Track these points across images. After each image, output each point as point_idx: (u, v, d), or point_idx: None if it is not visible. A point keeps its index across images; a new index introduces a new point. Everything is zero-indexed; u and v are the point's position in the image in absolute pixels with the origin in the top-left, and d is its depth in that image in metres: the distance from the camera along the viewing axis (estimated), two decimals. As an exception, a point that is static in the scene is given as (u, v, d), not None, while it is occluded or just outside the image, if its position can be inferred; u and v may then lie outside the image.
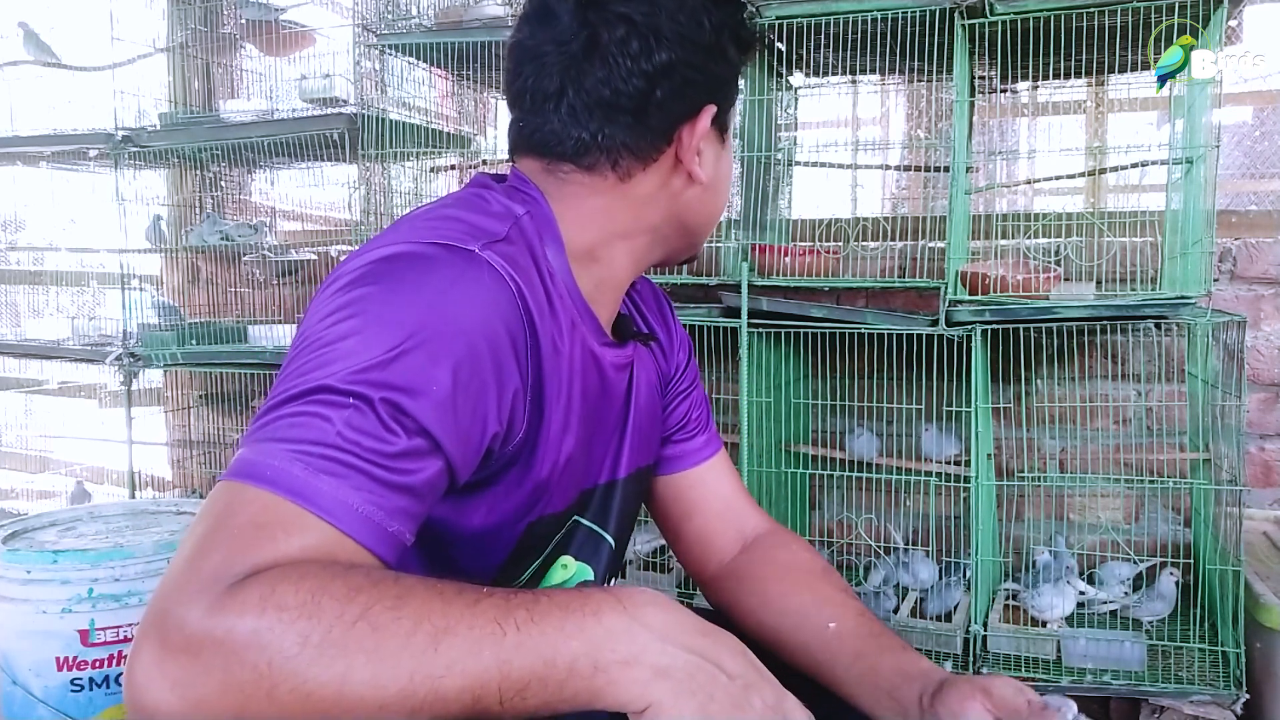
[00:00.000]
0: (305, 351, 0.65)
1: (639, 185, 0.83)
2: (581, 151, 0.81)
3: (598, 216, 0.83)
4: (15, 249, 3.64)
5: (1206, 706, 1.66)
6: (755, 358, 1.88)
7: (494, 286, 0.70)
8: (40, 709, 1.67)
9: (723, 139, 0.89)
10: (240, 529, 0.59)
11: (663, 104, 0.81)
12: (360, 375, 0.63)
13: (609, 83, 0.79)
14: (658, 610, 0.61)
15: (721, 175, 0.90)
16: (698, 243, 0.94)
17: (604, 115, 0.80)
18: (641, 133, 0.81)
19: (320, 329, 0.66)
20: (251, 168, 2.89)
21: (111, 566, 1.68)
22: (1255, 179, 3.86)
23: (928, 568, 1.98)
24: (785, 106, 2.27)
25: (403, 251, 0.70)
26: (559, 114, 0.81)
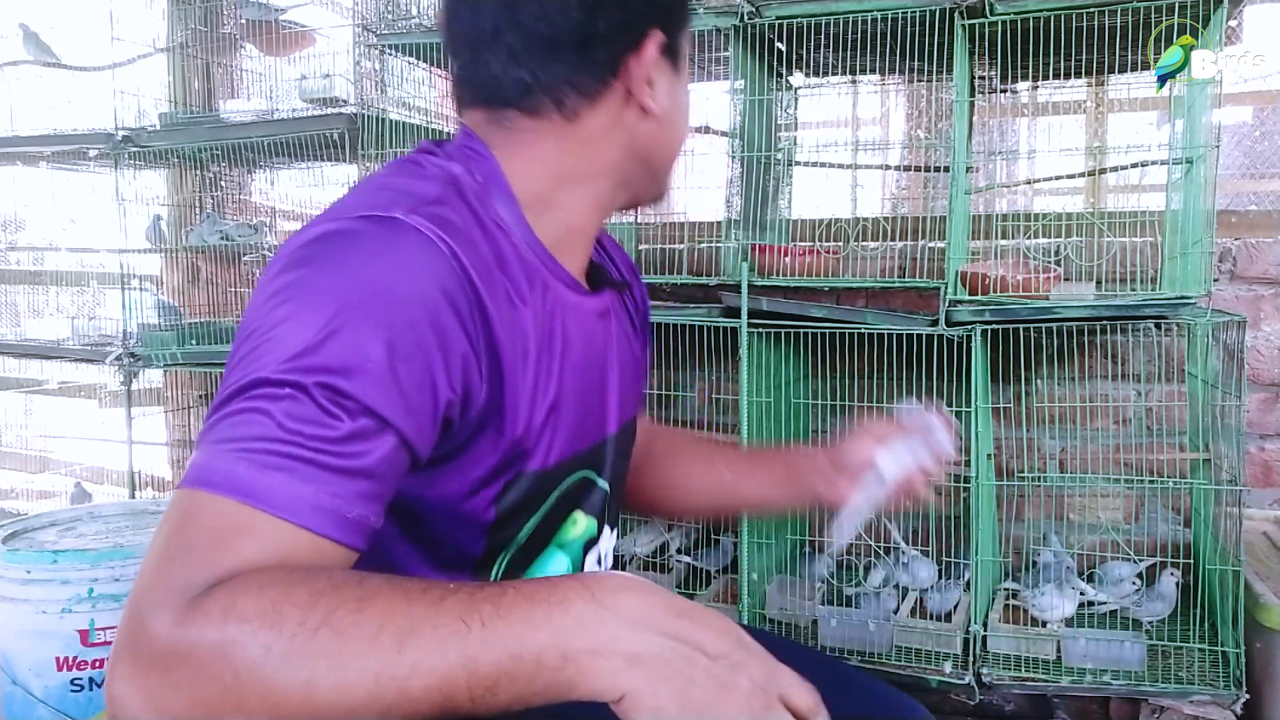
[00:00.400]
0: (244, 344, 0.65)
1: (588, 124, 0.80)
2: (524, 94, 0.78)
3: (548, 162, 0.80)
4: (15, 249, 3.64)
5: (1206, 706, 1.66)
6: (755, 358, 1.88)
7: (420, 251, 0.67)
8: (40, 709, 1.67)
9: (675, 67, 0.85)
10: (197, 538, 0.58)
11: (605, 35, 0.77)
12: (292, 363, 0.61)
13: (546, 17, 0.75)
14: (629, 595, 0.59)
15: (677, 105, 0.86)
16: (662, 180, 0.91)
17: (544, 53, 0.77)
18: (585, 68, 0.78)
19: (255, 320, 0.65)
20: (251, 168, 2.89)
21: (111, 566, 1.68)
22: (1255, 179, 3.87)
23: (928, 568, 1.98)
24: (785, 106, 2.27)
25: (329, 230, 0.68)
26: (497, 56, 0.77)
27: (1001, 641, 1.80)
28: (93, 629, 1.67)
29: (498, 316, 0.71)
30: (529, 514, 0.81)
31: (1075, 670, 1.73)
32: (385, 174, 0.77)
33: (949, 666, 1.77)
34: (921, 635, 1.84)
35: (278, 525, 0.59)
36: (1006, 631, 1.80)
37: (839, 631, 1.85)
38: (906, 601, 1.95)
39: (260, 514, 0.59)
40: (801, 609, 1.93)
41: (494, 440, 0.74)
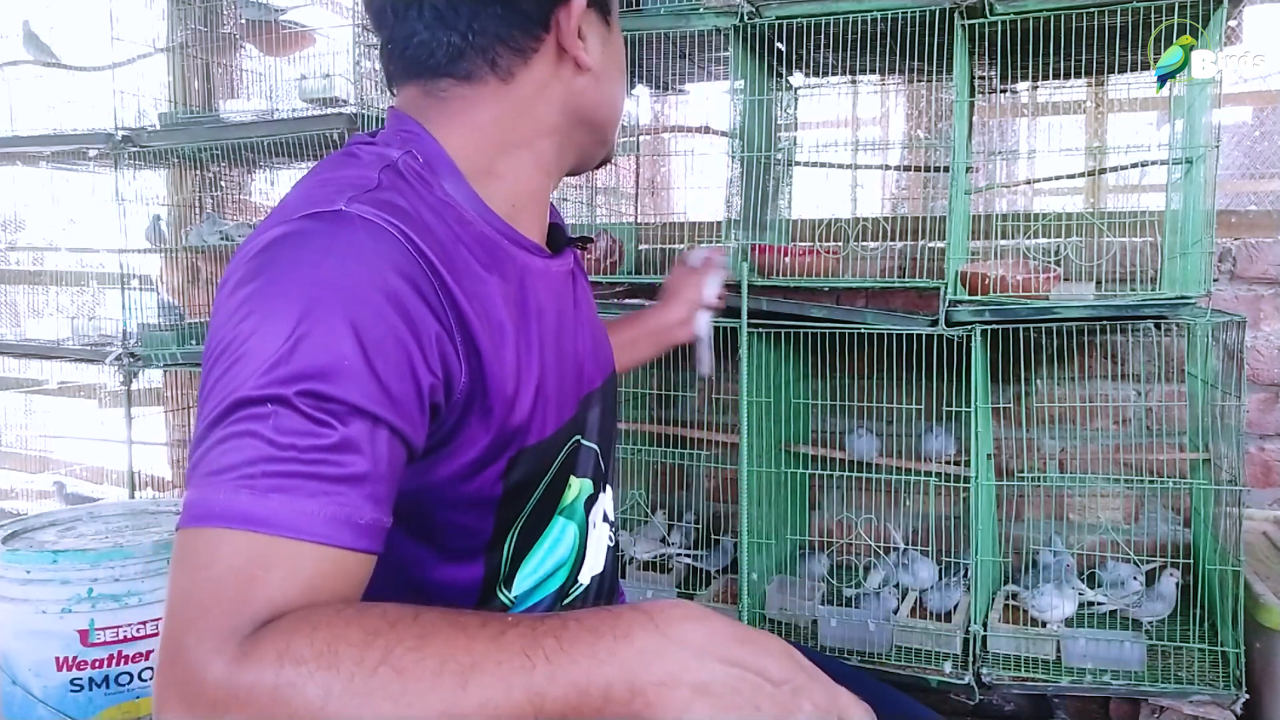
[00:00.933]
0: (214, 366, 0.63)
1: (524, 84, 0.79)
2: (455, 57, 0.77)
3: (488, 129, 0.79)
4: (15, 249, 3.64)
5: (1206, 706, 1.66)
6: (755, 358, 1.88)
7: (371, 239, 0.66)
8: (40, 709, 1.67)
9: (607, 20, 0.84)
10: (224, 578, 0.57)
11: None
12: (268, 376, 0.60)
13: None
14: (692, 624, 0.58)
15: (612, 59, 0.85)
16: (607, 138, 0.89)
17: (470, 10, 0.76)
18: (515, 21, 0.77)
19: (221, 339, 0.64)
20: (251, 168, 2.89)
21: (111, 566, 1.68)
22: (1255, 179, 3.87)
23: (927, 568, 1.98)
24: (785, 106, 2.27)
25: (276, 235, 0.66)
26: (423, 19, 0.76)
27: (1001, 641, 1.80)
28: (92, 629, 1.67)
29: (463, 294, 0.70)
30: (533, 487, 0.81)
31: (1075, 670, 1.73)
32: (322, 169, 0.76)
33: (949, 666, 1.77)
34: (921, 635, 1.84)
35: (297, 548, 0.58)
36: (1006, 631, 1.80)
37: (839, 631, 1.85)
38: (906, 601, 1.95)
39: (277, 540, 0.57)
40: (801, 609, 1.93)
41: (482, 418, 0.73)
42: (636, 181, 2.52)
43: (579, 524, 0.88)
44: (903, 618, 1.88)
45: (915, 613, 1.92)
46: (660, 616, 0.58)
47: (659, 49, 2.05)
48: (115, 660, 1.68)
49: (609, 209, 2.38)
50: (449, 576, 0.77)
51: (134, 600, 1.69)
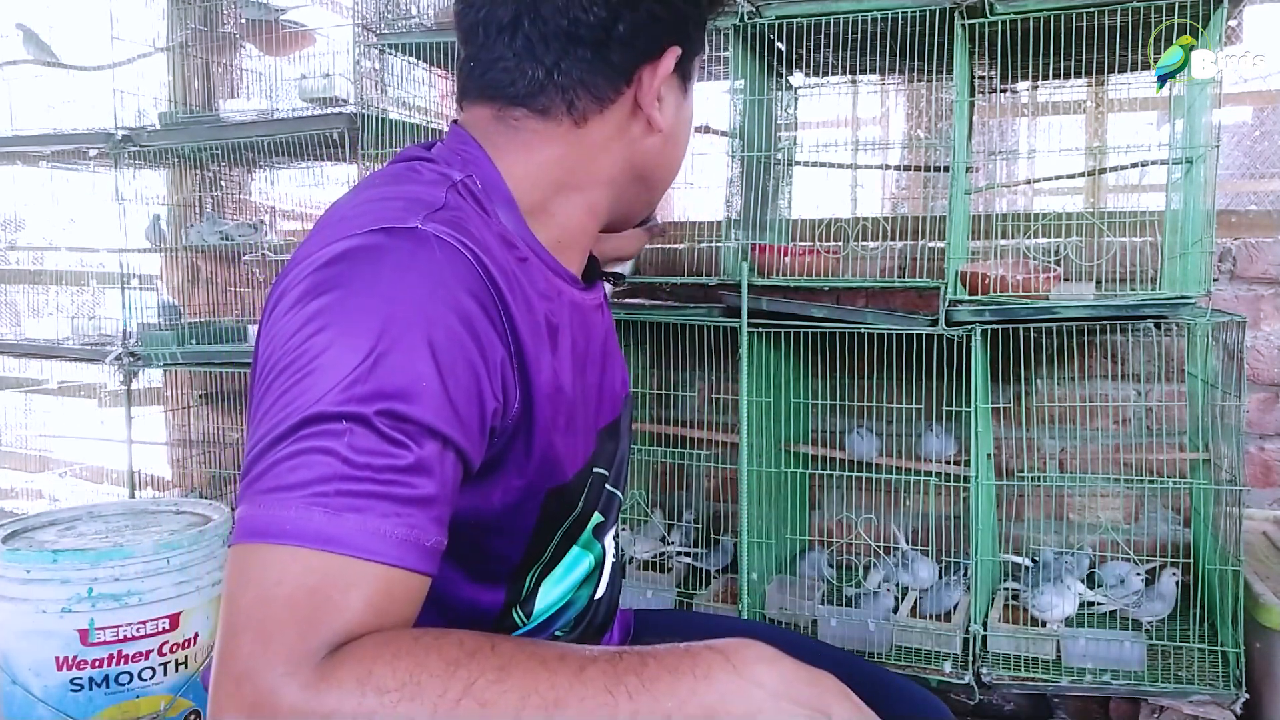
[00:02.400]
0: (279, 379, 0.61)
1: (594, 131, 0.78)
2: (535, 91, 0.76)
3: (550, 168, 0.78)
4: (15, 249, 3.64)
5: (1206, 706, 1.66)
6: (755, 358, 1.88)
7: (448, 259, 0.65)
8: (40, 709, 1.67)
9: (685, 88, 0.85)
10: (296, 597, 0.55)
11: (625, 39, 0.76)
12: (345, 393, 0.58)
13: (568, 11, 0.74)
14: (767, 665, 0.59)
15: (682, 125, 0.86)
16: (655, 199, 0.90)
17: (561, 48, 0.75)
18: (600, 69, 0.76)
19: (287, 352, 0.61)
20: (251, 167, 2.89)
21: (111, 566, 1.68)
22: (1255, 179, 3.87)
23: (927, 567, 1.98)
24: (785, 106, 2.27)
25: (347, 249, 0.65)
26: (513, 46, 0.76)
27: (1001, 641, 1.80)
28: (92, 629, 1.67)
29: (521, 321, 0.70)
30: (563, 519, 0.81)
31: (1075, 670, 1.73)
32: (380, 181, 0.75)
33: (949, 666, 1.77)
34: (921, 635, 1.84)
35: (371, 569, 0.57)
36: (1006, 631, 1.80)
37: (839, 631, 1.85)
38: (906, 601, 1.95)
39: (352, 561, 0.56)
40: (801, 608, 1.93)
41: (526, 447, 0.73)
42: (636, 181, 2.51)
43: (596, 554, 0.89)
44: (903, 617, 1.88)
45: (915, 612, 1.92)
46: (736, 657, 0.59)
47: (659, 49, 2.05)
48: (115, 660, 1.68)
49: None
50: (472, 596, 0.78)
51: (134, 600, 1.68)
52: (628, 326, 2.04)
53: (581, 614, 0.89)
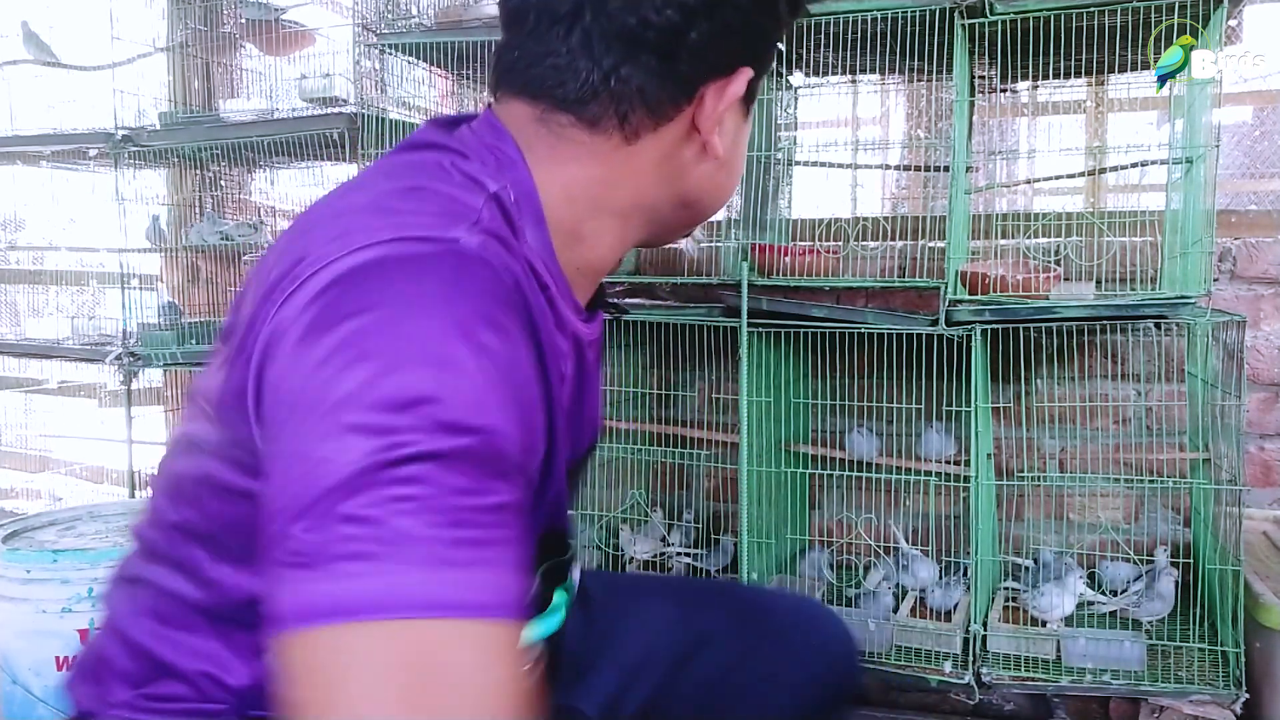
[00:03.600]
0: (326, 418, 0.51)
1: (645, 150, 0.69)
2: (587, 97, 0.67)
3: (590, 187, 0.69)
4: (15, 249, 3.64)
5: (1206, 706, 1.66)
6: (755, 357, 1.88)
7: (498, 284, 0.58)
8: (40, 709, 1.67)
9: (747, 112, 0.77)
10: (456, 677, 0.47)
11: (696, 49, 0.67)
12: (429, 433, 0.50)
13: (637, 9, 0.65)
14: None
15: (739, 153, 0.78)
16: (695, 225, 0.82)
17: (623, 49, 0.65)
18: (664, 80, 0.67)
19: (324, 383, 0.52)
20: (251, 167, 2.89)
21: (111, 566, 1.67)
22: (1255, 179, 3.87)
23: (927, 567, 1.98)
24: (785, 106, 2.27)
25: (381, 258, 0.56)
26: (569, 41, 0.66)
27: (1001, 641, 1.80)
28: (92, 628, 1.67)
29: (549, 355, 0.66)
30: (555, 562, 0.77)
31: (1075, 670, 1.73)
32: (405, 174, 0.66)
33: (949, 666, 1.77)
34: (921, 635, 1.84)
35: (504, 628, 0.50)
36: (1006, 631, 1.80)
37: (839, 631, 1.85)
38: (906, 601, 1.95)
39: (486, 624, 0.49)
40: (801, 609, 1.93)
41: (541, 491, 0.68)
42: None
43: (571, 591, 0.84)
44: (903, 617, 1.88)
45: (915, 612, 1.92)
46: None
47: (659, 49, 2.05)
48: (115, 660, 1.68)
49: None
50: None
51: (134, 600, 1.68)
52: (628, 326, 2.04)
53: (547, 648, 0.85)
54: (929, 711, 1.92)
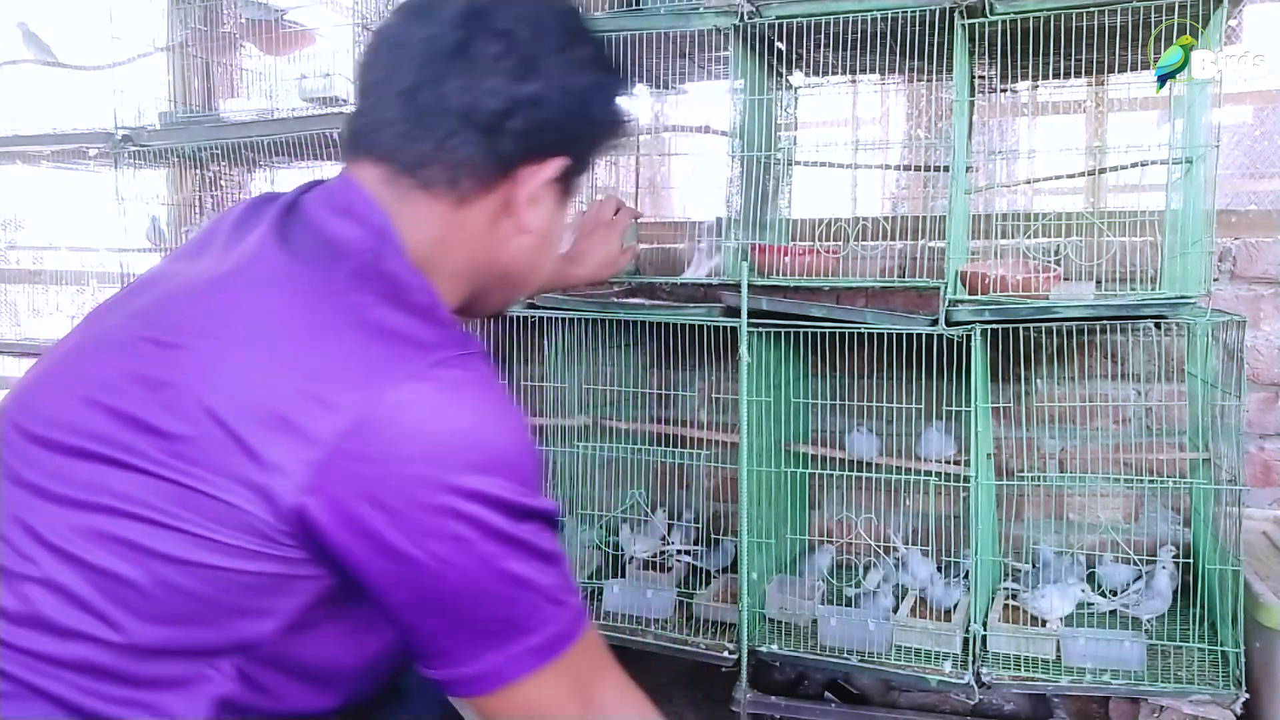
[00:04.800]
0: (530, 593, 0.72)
1: (471, 217, 0.80)
2: (422, 162, 0.78)
3: (429, 246, 0.79)
4: (15, 249, 3.64)
5: (1206, 706, 1.66)
6: (755, 357, 1.88)
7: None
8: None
9: (563, 201, 0.87)
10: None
11: (516, 132, 0.78)
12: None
13: (469, 91, 0.76)
14: None
15: (553, 235, 0.88)
16: (512, 301, 0.93)
17: (453, 124, 0.77)
18: (487, 154, 0.78)
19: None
20: (251, 167, 2.89)
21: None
22: (1255, 179, 3.86)
23: (927, 567, 1.98)
24: (785, 106, 2.27)
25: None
26: (406, 112, 0.77)
27: (1001, 641, 1.80)
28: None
29: None
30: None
31: (1075, 670, 1.73)
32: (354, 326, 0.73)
33: (948, 666, 1.77)
34: (921, 635, 1.84)
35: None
36: (1006, 631, 1.80)
37: (839, 631, 1.85)
38: (906, 601, 1.95)
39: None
40: (801, 608, 1.93)
41: None
42: (636, 181, 2.52)
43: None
44: (902, 617, 1.88)
45: (915, 612, 1.92)
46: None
47: (659, 49, 2.05)
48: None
49: (609, 209, 2.38)
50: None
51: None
52: (628, 326, 2.04)
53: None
54: (929, 711, 1.92)
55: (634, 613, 2.00)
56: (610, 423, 2.19)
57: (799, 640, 1.88)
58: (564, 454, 2.13)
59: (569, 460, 2.12)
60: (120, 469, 0.69)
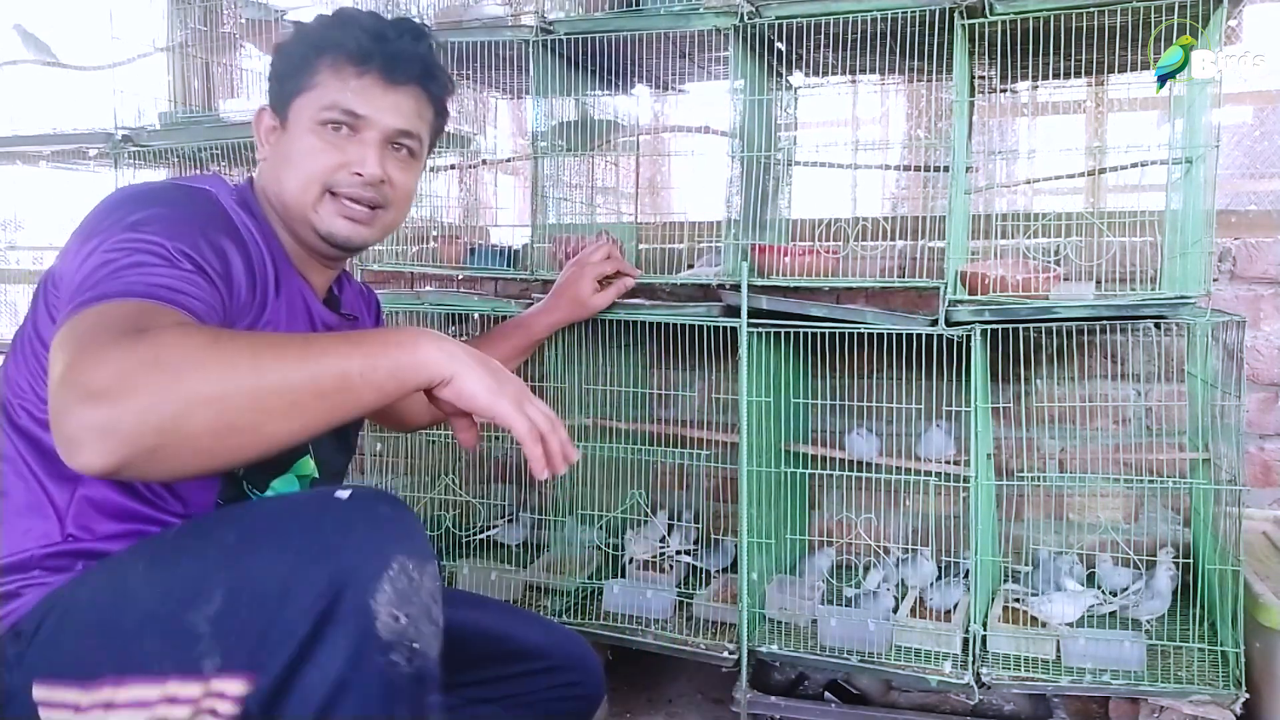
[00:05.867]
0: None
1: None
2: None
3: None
4: (15, 249, 3.64)
5: (1206, 706, 1.66)
6: (755, 357, 1.88)
7: (224, 214, 1.16)
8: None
9: (284, 126, 1.22)
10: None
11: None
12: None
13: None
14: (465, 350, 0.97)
15: (280, 153, 1.22)
16: (292, 220, 1.21)
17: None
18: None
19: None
20: (251, 167, 2.89)
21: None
22: (1255, 179, 3.87)
23: (927, 567, 1.98)
24: (785, 106, 2.27)
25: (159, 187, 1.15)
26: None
27: (1001, 641, 1.80)
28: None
29: (256, 266, 1.15)
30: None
31: (1075, 670, 1.73)
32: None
33: (948, 666, 1.77)
34: (921, 635, 1.84)
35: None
36: (1006, 631, 1.80)
37: (839, 631, 1.85)
38: (906, 601, 1.95)
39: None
40: (801, 609, 1.93)
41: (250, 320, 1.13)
42: (636, 181, 2.52)
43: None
44: (902, 617, 1.88)
45: (915, 612, 1.92)
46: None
47: (659, 49, 2.05)
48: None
49: (609, 209, 2.38)
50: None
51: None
52: (627, 326, 2.04)
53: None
54: (929, 711, 1.92)
55: (634, 613, 2.00)
56: (610, 423, 2.19)
57: (799, 640, 1.88)
58: (564, 454, 2.12)
59: (569, 460, 2.11)
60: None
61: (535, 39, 1.97)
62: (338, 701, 0.82)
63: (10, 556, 1.02)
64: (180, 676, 0.84)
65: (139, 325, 0.82)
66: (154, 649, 0.85)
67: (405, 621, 0.84)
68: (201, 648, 0.83)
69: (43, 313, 1.04)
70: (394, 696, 0.84)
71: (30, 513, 1.03)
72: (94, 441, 0.75)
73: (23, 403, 1.05)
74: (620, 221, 2.37)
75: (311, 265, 1.25)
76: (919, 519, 2.23)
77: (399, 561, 0.85)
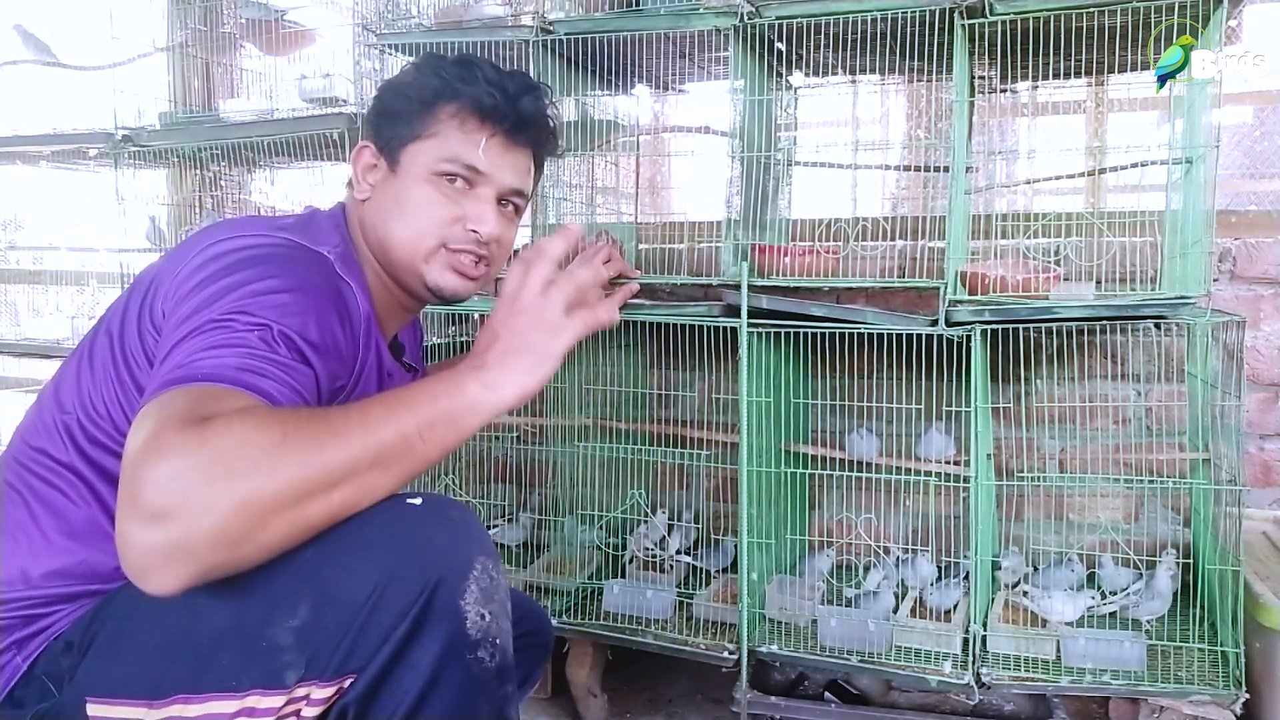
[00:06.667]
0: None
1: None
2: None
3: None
4: (15, 249, 3.64)
5: (1206, 706, 1.66)
6: (755, 357, 1.88)
7: (333, 278, 1.10)
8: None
9: (392, 170, 1.19)
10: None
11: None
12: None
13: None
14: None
15: (390, 198, 1.18)
16: (402, 274, 1.19)
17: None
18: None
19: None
20: (251, 167, 2.89)
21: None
22: (1255, 179, 3.86)
23: (927, 567, 1.98)
24: (785, 106, 2.27)
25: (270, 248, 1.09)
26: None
27: (1001, 641, 1.80)
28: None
29: (358, 330, 1.15)
30: None
31: (1075, 670, 1.73)
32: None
33: (948, 666, 1.77)
34: (921, 635, 1.83)
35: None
36: (1006, 631, 1.80)
37: (839, 631, 1.85)
38: (906, 601, 1.95)
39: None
40: (801, 609, 1.93)
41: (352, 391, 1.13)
42: (636, 181, 2.52)
43: None
44: (902, 617, 1.88)
45: (915, 612, 1.92)
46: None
47: (659, 49, 2.05)
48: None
49: (609, 209, 2.38)
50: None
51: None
52: (627, 326, 2.04)
53: None
54: (929, 711, 1.92)
55: (634, 613, 2.00)
56: (610, 423, 2.19)
57: (799, 640, 1.88)
58: (564, 454, 2.13)
59: (569, 460, 2.12)
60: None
61: (535, 39, 1.97)
62: (428, 699, 0.85)
63: (55, 573, 1.01)
64: (262, 690, 0.84)
65: (205, 413, 0.79)
66: (232, 665, 0.85)
67: (489, 619, 0.87)
68: (286, 659, 0.84)
69: (133, 332, 1.02)
70: (479, 691, 0.87)
71: (86, 539, 1.01)
72: (162, 568, 0.74)
73: (98, 427, 1.02)
74: (620, 221, 2.37)
75: (394, 313, 1.22)
76: (919, 519, 2.23)
77: (480, 562, 0.88)
